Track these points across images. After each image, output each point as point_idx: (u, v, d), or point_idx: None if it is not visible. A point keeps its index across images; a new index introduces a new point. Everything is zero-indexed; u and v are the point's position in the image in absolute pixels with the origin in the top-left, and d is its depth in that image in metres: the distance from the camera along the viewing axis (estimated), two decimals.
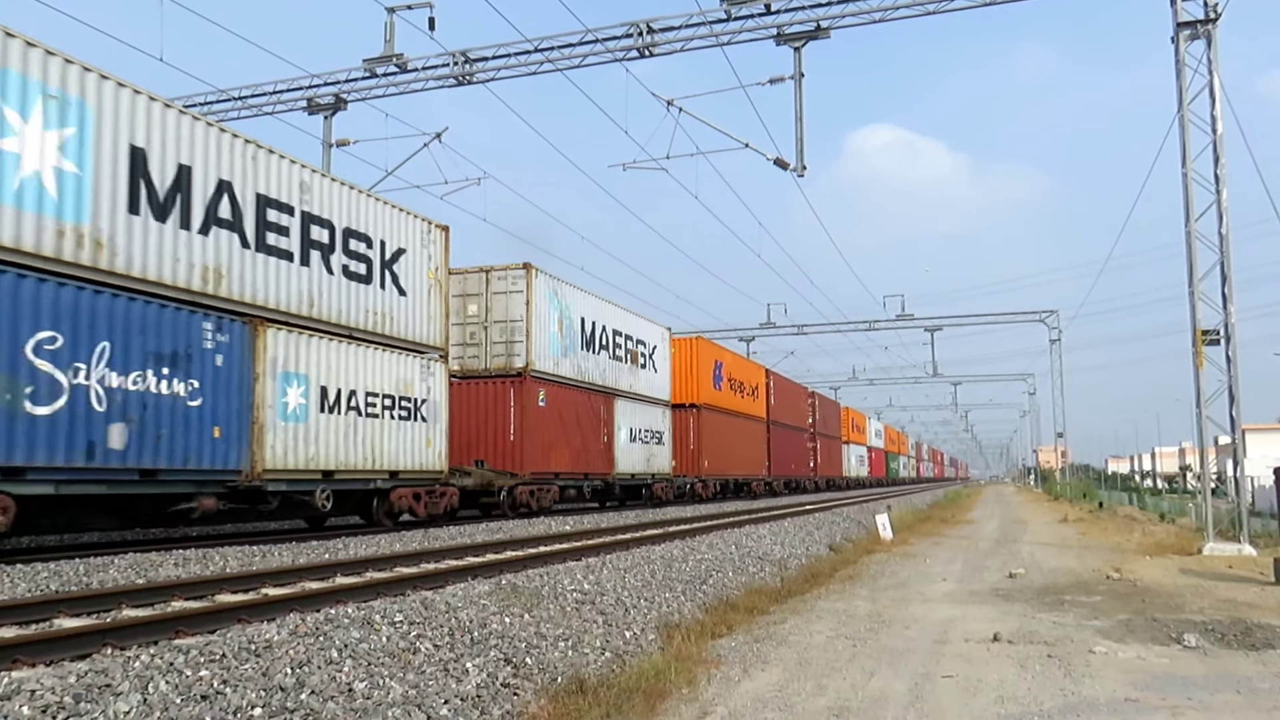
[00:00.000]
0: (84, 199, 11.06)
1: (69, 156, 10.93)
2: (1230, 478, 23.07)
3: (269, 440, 13.35)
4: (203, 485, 12.61)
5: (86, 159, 11.14)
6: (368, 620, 7.08)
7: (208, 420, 12.49)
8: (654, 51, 20.59)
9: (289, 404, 13.78)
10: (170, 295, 12.10)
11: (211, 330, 12.70)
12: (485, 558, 11.94)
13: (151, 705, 4.93)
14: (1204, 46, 17.40)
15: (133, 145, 11.74)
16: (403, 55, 22.04)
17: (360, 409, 15.27)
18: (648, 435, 27.01)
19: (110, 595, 8.23)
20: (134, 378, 11.52)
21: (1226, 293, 17.21)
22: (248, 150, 13.48)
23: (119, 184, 11.50)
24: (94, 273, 11.11)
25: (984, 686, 7.04)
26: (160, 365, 11.88)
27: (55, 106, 10.81)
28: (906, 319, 49.89)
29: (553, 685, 6.89)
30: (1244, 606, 10.91)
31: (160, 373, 11.87)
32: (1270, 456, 51.38)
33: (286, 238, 14.09)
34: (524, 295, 20.51)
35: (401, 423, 16.26)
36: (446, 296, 18.02)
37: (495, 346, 20.62)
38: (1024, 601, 11.57)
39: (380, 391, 15.77)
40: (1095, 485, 59.62)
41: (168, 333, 12.01)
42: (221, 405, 12.71)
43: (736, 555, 14.71)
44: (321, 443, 14.39)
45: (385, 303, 16.20)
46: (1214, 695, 6.73)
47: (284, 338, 13.75)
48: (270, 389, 13.41)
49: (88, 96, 11.17)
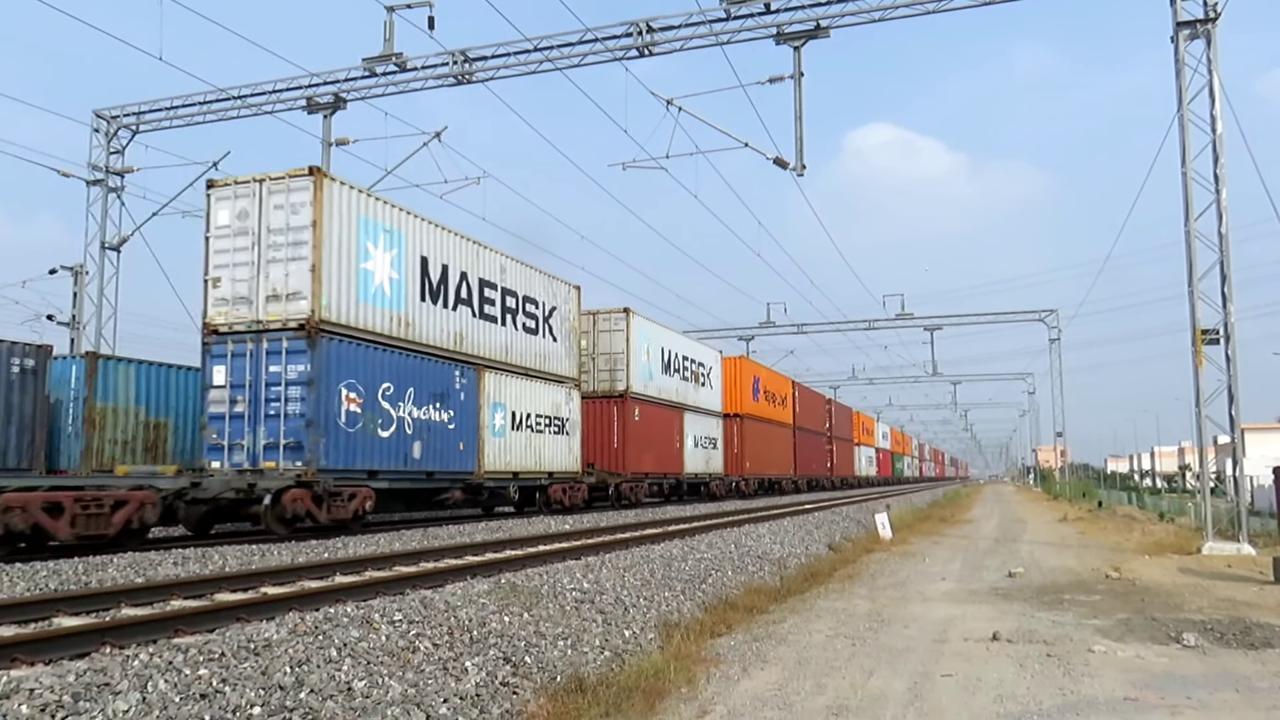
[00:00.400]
0: (400, 295, 16.52)
1: (394, 268, 16.37)
2: (1229, 477, 23.07)
3: (487, 450, 18.99)
4: (454, 482, 18.11)
5: (401, 268, 16.56)
6: (367, 619, 7.08)
7: (457, 438, 17.97)
8: (654, 51, 20.58)
9: (496, 425, 19.48)
10: (438, 353, 17.52)
11: (458, 375, 18.19)
12: (484, 557, 11.95)
13: (150, 704, 4.92)
14: (1204, 46, 17.40)
15: (421, 256, 17.19)
16: (402, 54, 22.01)
17: (533, 426, 21.02)
18: (706, 441, 32.46)
19: (109, 594, 8.23)
20: (424, 410, 16.94)
21: (1226, 292, 17.20)
22: (474, 249, 19.03)
23: (415, 283, 16.98)
24: (405, 342, 16.57)
25: (983, 685, 7.03)
26: (434, 401, 17.29)
27: (387, 237, 16.16)
28: (906, 318, 49.85)
29: (552, 684, 6.89)
30: (1243, 605, 10.91)
31: (435, 406, 17.31)
32: (1269, 456, 51.33)
33: (493, 307, 19.75)
34: (624, 333, 26.02)
35: (554, 436, 22.04)
36: (579, 339, 24.02)
37: (601, 373, 25.96)
38: (1023, 600, 11.57)
39: (543, 413, 21.53)
40: (1094, 484, 59.61)
41: (438, 379, 17.49)
42: (463, 427, 18.24)
43: (736, 554, 14.72)
44: (513, 452, 20.13)
45: (545, 347, 21.99)
46: (1213, 694, 6.73)
47: (493, 378, 19.44)
48: (487, 414, 19.09)
49: (401, 227, 16.64)
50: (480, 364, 18.89)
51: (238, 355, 14.66)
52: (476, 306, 18.98)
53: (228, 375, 14.64)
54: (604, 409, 25.60)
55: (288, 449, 14.32)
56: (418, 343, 16.88)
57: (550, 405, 21.83)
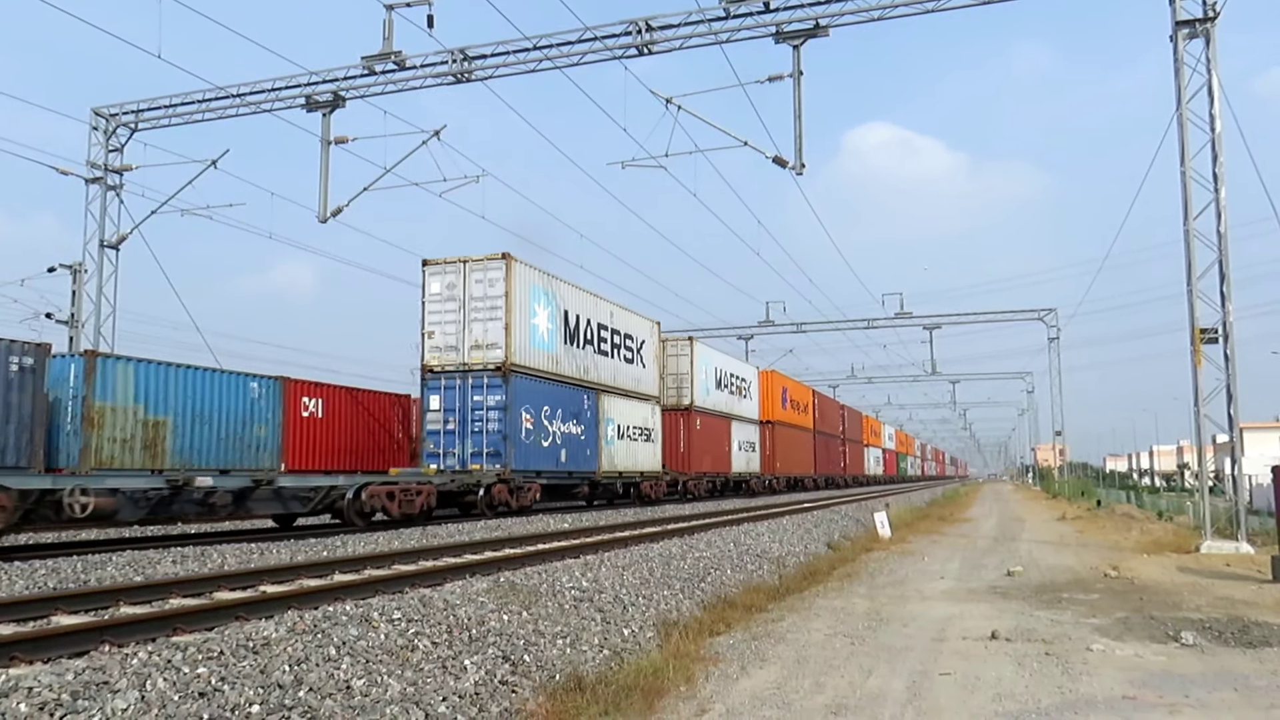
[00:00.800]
0: (553, 340, 22.19)
1: (549, 321, 22.02)
2: (1228, 476, 23.07)
3: (603, 455, 24.88)
4: (584, 479, 24.36)
5: (553, 321, 22.25)
6: (366, 618, 7.08)
7: (585, 446, 23.88)
8: (653, 49, 20.55)
9: (609, 435, 25.26)
10: (573, 382, 23.24)
11: (586, 399, 23.99)
12: (483, 555, 11.95)
13: (150, 702, 4.92)
14: (1202, 45, 17.39)
15: (564, 310, 22.89)
16: (401, 53, 21.96)
17: (631, 436, 26.94)
18: (747, 445, 38.00)
19: (108, 592, 8.23)
20: (566, 425, 22.69)
21: (1225, 291, 17.21)
22: (593, 300, 24.79)
23: (560, 330, 22.63)
24: (555, 375, 22.22)
25: (982, 684, 7.04)
26: (572, 418, 23.13)
27: (545, 298, 21.88)
28: (905, 317, 49.80)
29: (551, 683, 6.89)
30: (1241, 604, 10.93)
31: (573, 422, 23.10)
32: (1268, 455, 51.36)
33: (606, 344, 25.43)
34: (688, 358, 31.66)
35: (645, 443, 28.03)
36: (660, 364, 29.99)
37: (669, 390, 31.09)
38: (1022, 599, 11.58)
39: (637, 425, 27.48)
40: (1093, 483, 59.64)
41: (574, 402, 23.28)
42: (589, 438, 24.12)
43: (735, 553, 14.72)
44: (619, 456, 26.00)
45: (638, 373, 27.84)
46: (1211, 693, 6.74)
47: (607, 399, 25.16)
48: (604, 428, 24.95)
49: (553, 289, 22.31)
50: (598, 389, 24.69)
51: (449, 388, 20.21)
52: (595, 345, 24.79)
53: (441, 402, 20.17)
54: (674, 420, 30.93)
55: (489, 455, 19.87)
56: (562, 375, 22.58)
57: (642, 419, 27.89)
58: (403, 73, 22.37)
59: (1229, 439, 18.04)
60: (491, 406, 19.78)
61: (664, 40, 20.45)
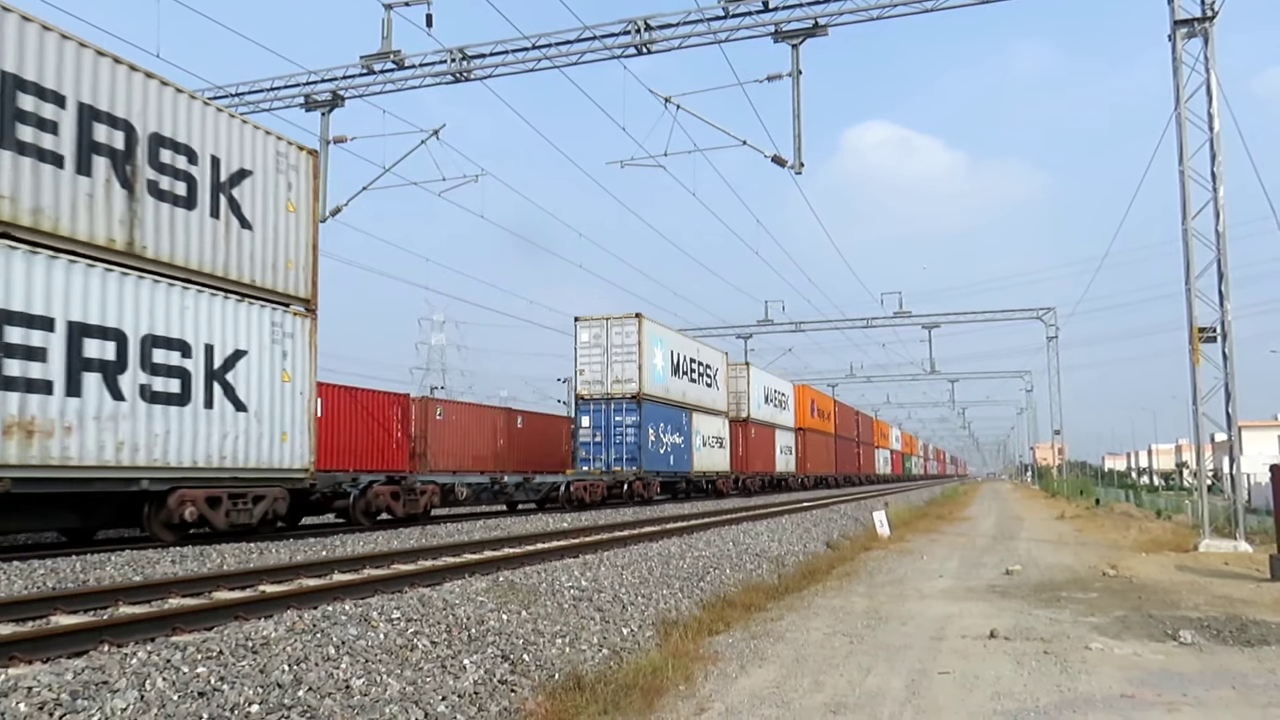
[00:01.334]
0: (665, 374, 29.34)
1: (662, 360, 29.14)
2: (1227, 475, 23.09)
3: (694, 459, 32.03)
4: (683, 477, 31.36)
5: (665, 360, 29.39)
6: (365, 617, 7.08)
7: (684, 453, 30.92)
8: (652, 49, 20.55)
9: (697, 444, 32.50)
10: (676, 404, 30.28)
11: (684, 417, 31.15)
12: (483, 555, 11.95)
13: (149, 702, 4.93)
14: (1201, 44, 17.40)
15: (671, 350, 29.96)
16: (400, 52, 21.96)
17: (709, 444, 34.00)
18: (785, 449, 46.06)
19: (107, 592, 8.23)
20: (672, 438, 29.81)
21: (1223, 290, 17.22)
22: (685, 339, 32.30)
23: (668, 366, 29.69)
24: (666, 400, 29.26)
25: (980, 683, 7.05)
26: (676, 432, 30.26)
27: (660, 342, 29.08)
28: (904, 316, 49.86)
29: (550, 682, 6.90)
30: (1240, 603, 10.94)
31: (676, 435, 30.25)
32: (1266, 454, 51.45)
33: (694, 374, 32.94)
34: (745, 378, 40.00)
35: (719, 450, 35.45)
36: (729, 385, 37.90)
37: (732, 405, 38.12)
38: (1020, 598, 11.59)
39: (713, 435, 34.64)
40: (1092, 482, 59.66)
41: (676, 419, 30.38)
42: (686, 446, 31.16)
43: (734, 552, 14.73)
44: (703, 460, 33.08)
45: (714, 395, 35.28)
46: (1209, 691, 6.75)
47: (696, 416, 32.56)
48: (693, 438, 32.09)
49: (664, 336, 29.69)
50: (690, 408, 31.92)
51: (596, 411, 27.49)
52: (689, 375, 31.97)
53: (591, 421, 27.43)
54: (735, 429, 38.13)
55: (627, 460, 27.14)
56: (670, 399, 29.80)
57: (717, 430, 35.30)
58: (402, 72, 22.37)
59: (1227, 438, 18.07)
60: (629, 425, 27.07)
61: (663, 39, 20.45)
